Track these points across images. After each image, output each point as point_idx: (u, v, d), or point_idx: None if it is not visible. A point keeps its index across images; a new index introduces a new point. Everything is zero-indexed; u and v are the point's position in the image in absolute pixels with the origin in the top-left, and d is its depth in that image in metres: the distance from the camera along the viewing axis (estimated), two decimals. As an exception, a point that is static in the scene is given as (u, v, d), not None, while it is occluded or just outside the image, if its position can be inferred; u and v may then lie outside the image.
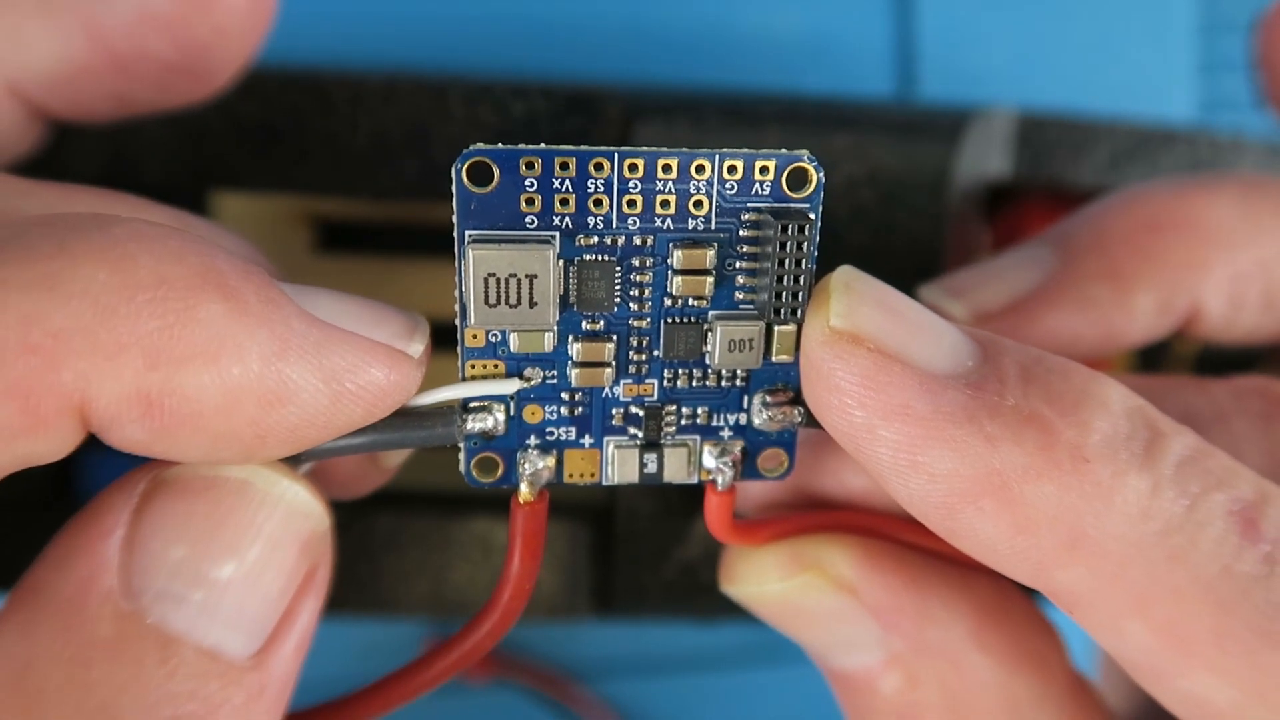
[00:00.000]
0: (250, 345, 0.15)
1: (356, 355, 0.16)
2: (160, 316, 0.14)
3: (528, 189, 0.16)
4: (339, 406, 0.16)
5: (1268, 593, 0.15)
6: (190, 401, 0.15)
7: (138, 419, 0.15)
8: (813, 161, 0.17)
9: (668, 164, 0.16)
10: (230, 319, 0.15)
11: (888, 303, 0.17)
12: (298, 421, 0.16)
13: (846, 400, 0.16)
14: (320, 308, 0.16)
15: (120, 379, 0.14)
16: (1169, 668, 0.16)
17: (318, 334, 0.16)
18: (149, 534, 0.15)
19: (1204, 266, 0.22)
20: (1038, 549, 0.16)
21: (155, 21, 0.19)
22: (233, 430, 0.15)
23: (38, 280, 0.14)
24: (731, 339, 0.17)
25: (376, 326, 0.16)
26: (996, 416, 0.15)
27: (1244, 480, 0.16)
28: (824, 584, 0.20)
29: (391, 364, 0.16)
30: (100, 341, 0.14)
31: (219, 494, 0.16)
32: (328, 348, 0.16)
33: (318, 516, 0.17)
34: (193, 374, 0.15)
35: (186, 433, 0.15)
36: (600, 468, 0.19)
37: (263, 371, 0.15)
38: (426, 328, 0.17)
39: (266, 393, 0.15)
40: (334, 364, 0.16)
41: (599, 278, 0.17)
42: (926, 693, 0.19)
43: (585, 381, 0.18)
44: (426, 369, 0.17)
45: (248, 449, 0.16)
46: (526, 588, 0.18)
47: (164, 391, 0.15)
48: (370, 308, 0.17)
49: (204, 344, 0.15)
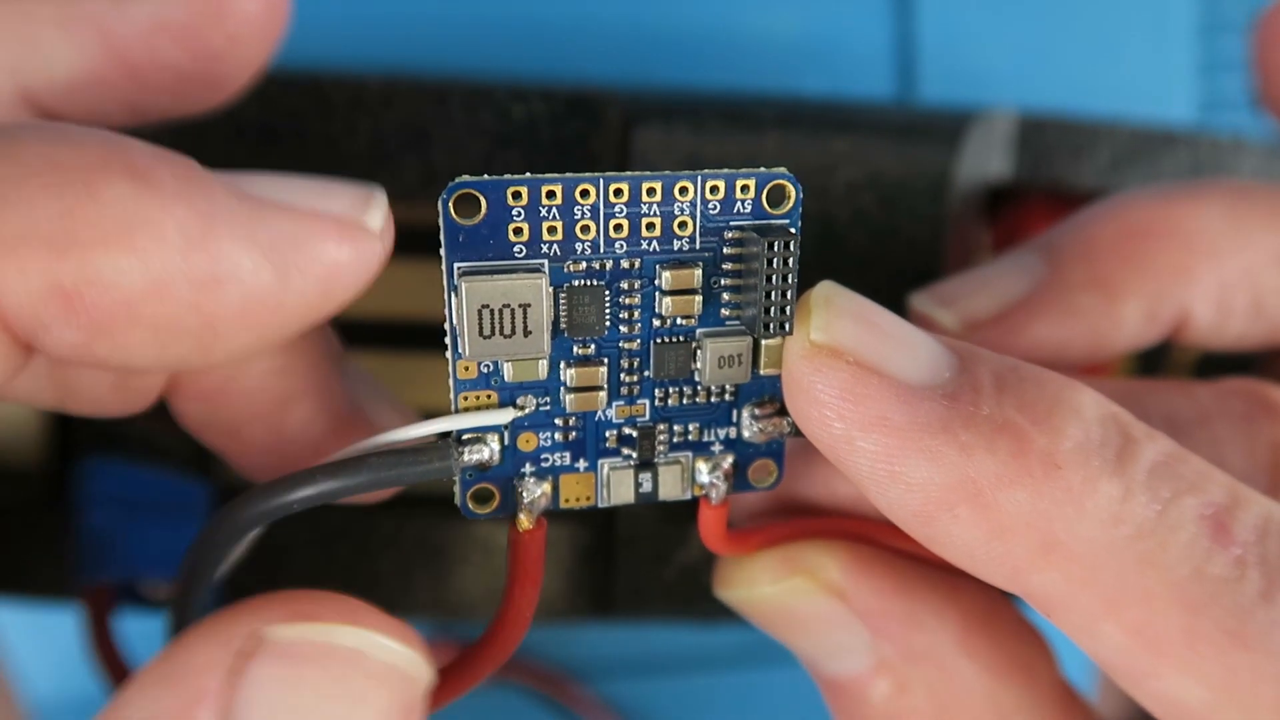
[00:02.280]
0: (167, 222, 0.14)
1: (298, 227, 0.15)
2: (58, 199, 0.14)
3: (515, 218, 0.16)
4: (288, 285, 0.15)
5: (1237, 595, 0.15)
6: (112, 289, 0.14)
7: (61, 316, 0.14)
8: (791, 178, 0.17)
9: (652, 187, 0.17)
10: (140, 197, 0.14)
11: (866, 316, 0.17)
12: (243, 304, 0.15)
13: (826, 412, 0.16)
14: (254, 186, 0.15)
15: (26, 273, 0.14)
16: (1142, 668, 0.16)
17: (249, 208, 0.15)
18: (249, 706, 0.14)
19: (1191, 274, 0.22)
20: (1012, 554, 0.16)
21: (170, 31, 0.19)
22: (173, 319, 0.14)
23: None
24: (721, 355, 0.18)
25: (321, 199, 0.15)
26: (971, 426, 0.16)
27: (1217, 484, 0.16)
28: (814, 588, 0.20)
29: (343, 236, 0.15)
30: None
31: (328, 665, 0.15)
32: (261, 221, 0.15)
33: (424, 675, 0.16)
34: (108, 259, 0.14)
35: (121, 326, 0.14)
36: (596, 490, 0.19)
37: (186, 249, 0.14)
38: (383, 200, 0.16)
39: (197, 273, 0.14)
40: (271, 237, 0.15)
41: (589, 303, 0.17)
42: (915, 699, 0.20)
43: (580, 406, 0.18)
44: (391, 245, 0.16)
45: (201, 343, 0.15)
46: (527, 615, 0.19)
47: (79, 281, 0.14)
48: (313, 183, 0.16)
49: (113, 225, 0.14)
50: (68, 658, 0.27)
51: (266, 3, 0.20)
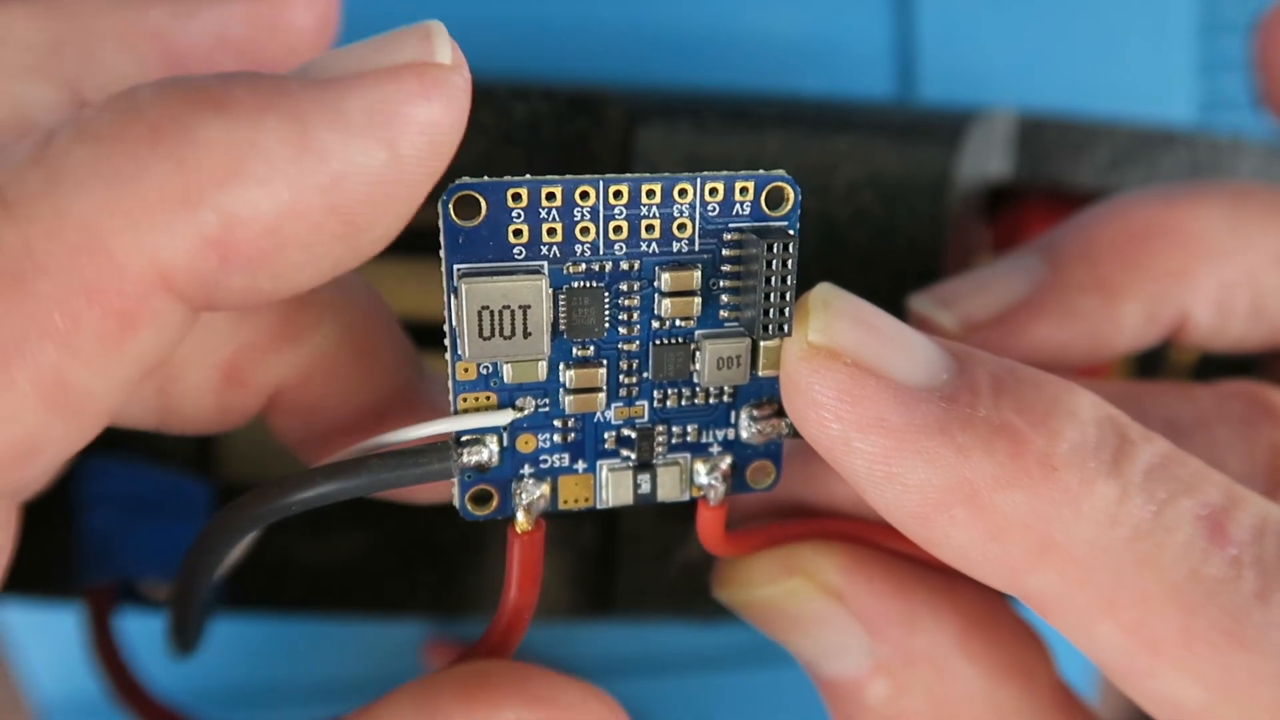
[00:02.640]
0: (266, 138, 0.14)
1: (379, 90, 0.15)
2: (166, 158, 0.14)
3: (515, 220, 0.16)
4: (399, 154, 0.15)
5: (1233, 595, 0.15)
6: (252, 221, 0.14)
7: (220, 264, 0.14)
8: (789, 180, 0.17)
9: (651, 189, 0.17)
10: (230, 124, 0.14)
11: (864, 318, 0.17)
12: (370, 189, 0.15)
13: (823, 413, 0.16)
14: (322, 69, 0.15)
15: (173, 235, 0.14)
16: (1140, 669, 0.16)
17: (330, 93, 0.15)
18: None
19: (1191, 276, 0.22)
20: (1009, 555, 0.16)
21: (230, 45, 0.20)
22: (317, 228, 0.15)
23: (40, 190, 0.14)
24: (720, 357, 0.18)
25: (389, 54, 0.15)
26: (968, 427, 0.16)
27: (1213, 485, 0.16)
28: (811, 589, 0.20)
29: (425, 87, 0.15)
30: (129, 210, 0.14)
31: None
32: (346, 99, 0.15)
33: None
34: (234, 193, 0.14)
35: (276, 253, 0.15)
36: (594, 492, 0.19)
37: (297, 158, 0.14)
38: (442, 29, 0.16)
39: (316, 177, 0.14)
40: (361, 112, 0.14)
41: (588, 304, 0.17)
42: (913, 701, 0.20)
43: (579, 408, 0.18)
44: (468, 72, 0.15)
45: (349, 242, 0.15)
46: (526, 616, 0.19)
47: (221, 225, 0.14)
48: (372, 44, 0.15)
49: (223, 161, 0.14)
50: (69, 657, 0.27)
51: (320, 16, 0.20)
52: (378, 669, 0.19)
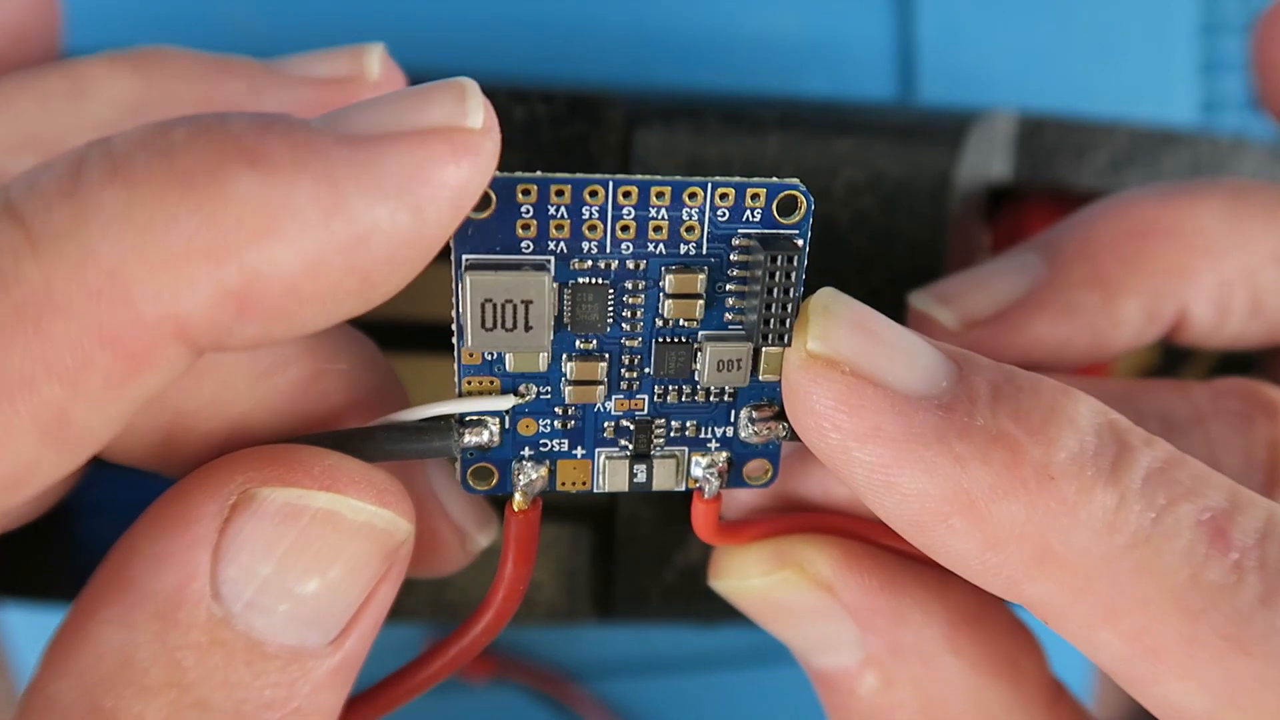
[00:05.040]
0: (298, 199, 0.14)
1: (413, 157, 0.15)
2: (197, 210, 0.14)
3: (524, 215, 0.17)
4: (424, 218, 0.15)
5: (1235, 600, 0.15)
6: (275, 279, 0.14)
7: (237, 317, 0.15)
8: (803, 190, 0.17)
9: (661, 191, 0.17)
10: (265, 181, 0.14)
11: (864, 325, 0.17)
12: (391, 251, 0.15)
13: (822, 423, 0.16)
14: (355, 124, 0.15)
15: (195, 287, 0.14)
16: (1144, 675, 0.16)
17: (363, 154, 0.15)
18: (237, 548, 0.16)
19: (1190, 273, 0.22)
20: (1007, 564, 0.16)
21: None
22: (335, 287, 0.15)
23: (66, 228, 0.14)
24: (720, 359, 0.18)
25: (421, 113, 0.15)
26: (965, 437, 0.16)
27: (1216, 489, 0.16)
28: (803, 581, 0.20)
29: (456, 151, 0.15)
30: (154, 260, 0.14)
31: (305, 524, 0.16)
32: (379, 163, 0.15)
33: (402, 529, 0.17)
34: (261, 251, 0.14)
35: (292, 308, 0.15)
36: (592, 476, 0.19)
37: (325, 218, 0.14)
38: (476, 89, 0.16)
39: (342, 237, 0.14)
40: (394, 179, 0.15)
41: (592, 300, 0.17)
42: (901, 694, 0.20)
43: (578, 399, 0.18)
44: (500, 134, 0.16)
45: (363, 296, 0.15)
46: (520, 589, 0.19)
47: (244, 280, 0.14)
48: (405, 98, 0.15)
49: (253, 218, 0.14)
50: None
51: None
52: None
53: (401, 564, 0.18)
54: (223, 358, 0.18)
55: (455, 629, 0.19)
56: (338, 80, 0.21)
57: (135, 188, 0.14)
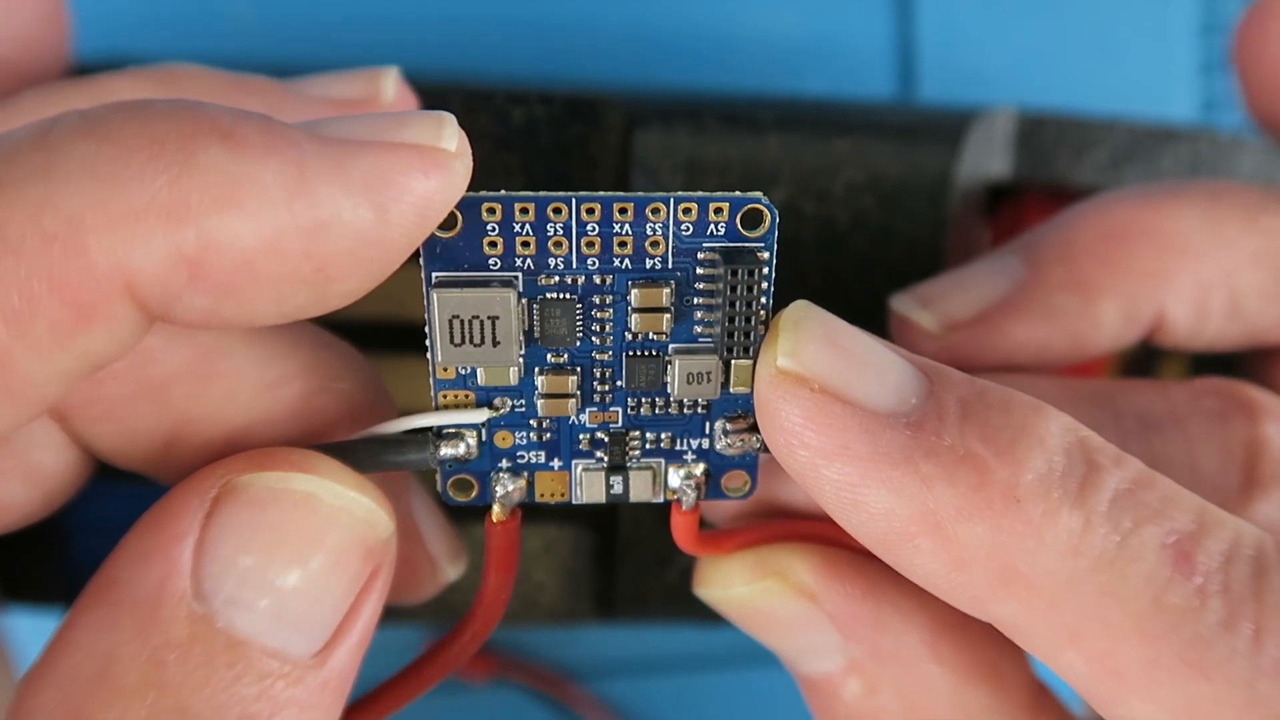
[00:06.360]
0: (265, 176, 0.15)
1: (384, 162, 0.15)
2: (163, 171, 0.14)
3: (490, 233, 0.17)
4: (387, 220, 0.15)
5: (1197, 625, 0.15)
6: (231, 250, 0.15)
7: (189, 283, 0.15)
8: (766, 203, 0.17)
9: (624, 207, 0.17)
10: (234, 156, 0.14)
11: (835, 340, 0.17)
12: (351, 245, 0.15)
13: (791, 440, 0.16)
14: (331, 129, 0.16)
15: (150, 245, 0.14)
16: (1107, 696, 0.16)
17: (334, 150, 0.15)
18: (218, 541, 0.16)
19: (1168, 275, 0.22)
20: (973, 584, 0.16)
21: None
22: (290, 270, 0.15)
23: (31, 173, 0.14)
24: (690, 372, 0.18)
25: (397, 132, 0.16)
26: (932, 457, 0.16)
27: (1183, 510, 0.16)
28: (785, 590, 0.20)
29: (427, 165, 0.15)
30: (114, 212, 0.14)
31: (284, 506, 0.16)
32: (349, 160, 0.15)
33: (382, 524, 0.17)
34: (221, 222, 0.14)
35: (245, 285, 0.15)
36: (569, 488, 0.19)
37: (289, 199, 0.15)
38: (453, 121, 0.16)
39: (303, 221, 0.15)
40: (363, 177, 0.15)
41: (560, 315, 0.18)
42: (885, 699, 0.20)
43: (551, 411, 0.18)
44: (472, 163, 0.16)
45: (317, 290, 0.16)
46: (503, 598, 0.19)
47: (201, 247, 0.14)
48: (386, 116, 0.16)
49: (218, 188, 0.14)
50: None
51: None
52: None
53: (385, 575, 0.18)
54: (231, 364, 0.19)
55: (441, 639, 0.20)
56: (353, 101, 0.21)
57: (105, 142, 0.14)
